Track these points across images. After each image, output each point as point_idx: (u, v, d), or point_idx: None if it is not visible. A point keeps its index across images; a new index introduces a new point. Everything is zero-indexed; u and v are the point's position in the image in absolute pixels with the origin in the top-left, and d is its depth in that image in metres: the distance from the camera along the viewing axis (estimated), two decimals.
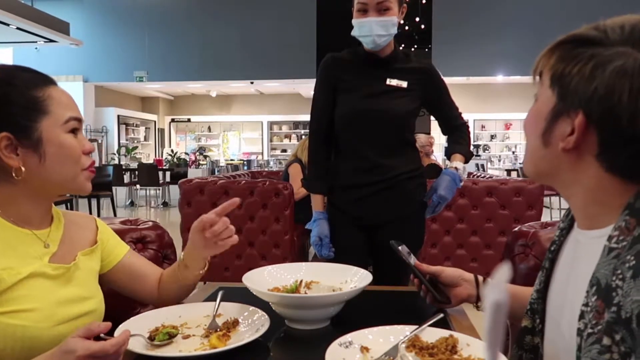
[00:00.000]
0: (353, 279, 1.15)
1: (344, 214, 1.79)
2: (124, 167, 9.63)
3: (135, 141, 14.08)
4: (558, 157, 0.72)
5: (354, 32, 1.70)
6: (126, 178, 9.73)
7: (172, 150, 11.61)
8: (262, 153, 15.04)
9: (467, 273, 1.11)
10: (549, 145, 0.73)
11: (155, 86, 12.86)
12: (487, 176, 4.16)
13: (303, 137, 14.94)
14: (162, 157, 13.76)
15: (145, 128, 14.82)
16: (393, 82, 1.70)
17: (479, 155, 14.05)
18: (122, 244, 1.15)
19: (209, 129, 15.69)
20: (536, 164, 0.78)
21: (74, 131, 0.96)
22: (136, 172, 9.48)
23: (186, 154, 12.14)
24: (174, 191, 9.90)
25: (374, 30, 1.63)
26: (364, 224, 1.78)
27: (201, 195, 3.30)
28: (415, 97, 1.73)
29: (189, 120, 15.51)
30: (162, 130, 15.42)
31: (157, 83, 12.23)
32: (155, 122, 15.07)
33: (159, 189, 9.66)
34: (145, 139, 14.79)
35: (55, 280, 0.95)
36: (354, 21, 1.68)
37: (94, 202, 7.21)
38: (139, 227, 1.33)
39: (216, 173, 12.99)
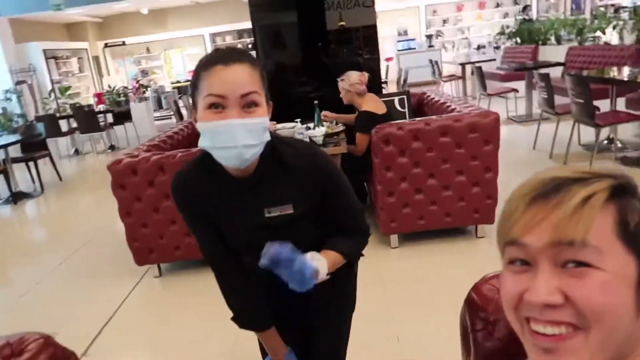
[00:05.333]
0: None
1: None
2: (58, 116, 8.76)
3: (70, 74, 12.95)
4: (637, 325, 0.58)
5: (202, 144, 1.13)
6: (65, 126, 8.86)
7: (109, 86, 10.75)
8: None
9: None
10: (638, 317, 0.57)
11: (77, 11, 11.60)
12: (441, 102, 3.92)
13: (249, 45, 14.07)
14: (102, 89, 12.83)
15: (78, 58, 13.60)
16: (274, 212, 1.23)
17: (432, 46, 13.61)
18: None
19: (148, 50, 14.58)
20: (618, 344, 0.57)
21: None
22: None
23: (125, 87, 11.30)
24: (121, 131, 9.27)
25: (238, 138, 1.08)
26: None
27: (134, 176, 2.99)
28: (310, 206, 1.27)
29: (123, 43, 14.30)
30: (96, 58, 14.25)
31: (79, 8, 11.02)
32: (87, 50, 13.84)
33: (103, 133, 8.87)
34: (80, 70, 13.64)
35: None
36: (202, 125, 1.10)
37: (32, 166, 6.50)
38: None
39: (162, 102, 12.27)
